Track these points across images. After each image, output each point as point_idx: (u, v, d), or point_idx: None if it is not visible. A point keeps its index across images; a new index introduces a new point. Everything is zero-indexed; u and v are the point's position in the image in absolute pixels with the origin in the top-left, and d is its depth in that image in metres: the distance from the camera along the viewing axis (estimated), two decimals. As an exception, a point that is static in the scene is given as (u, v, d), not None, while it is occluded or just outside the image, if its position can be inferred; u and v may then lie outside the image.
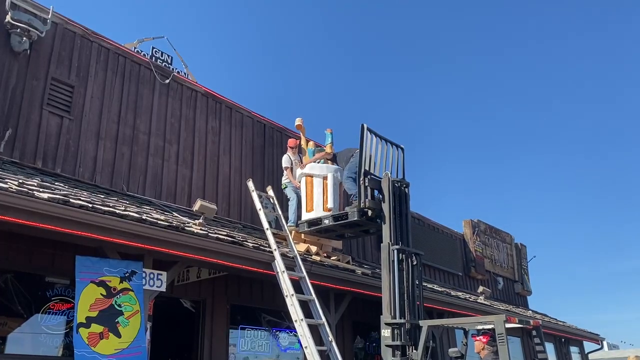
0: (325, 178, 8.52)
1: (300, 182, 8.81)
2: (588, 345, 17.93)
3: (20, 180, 5.18)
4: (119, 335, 5.33)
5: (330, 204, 8.36)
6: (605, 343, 21.30)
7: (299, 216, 8.79)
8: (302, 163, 9.15)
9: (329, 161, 8.89)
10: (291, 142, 9.44)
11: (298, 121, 9.77)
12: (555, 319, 16.46)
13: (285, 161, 9.28)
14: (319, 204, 8.41)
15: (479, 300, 11.95)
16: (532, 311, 16.95)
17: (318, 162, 8.83)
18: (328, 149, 9.20)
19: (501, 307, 12.88)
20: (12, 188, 4.67)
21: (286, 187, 9.14)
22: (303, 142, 9.60)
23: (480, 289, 12.98)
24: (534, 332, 6.59)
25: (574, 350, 17.15)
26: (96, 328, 5.20)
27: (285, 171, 9.23)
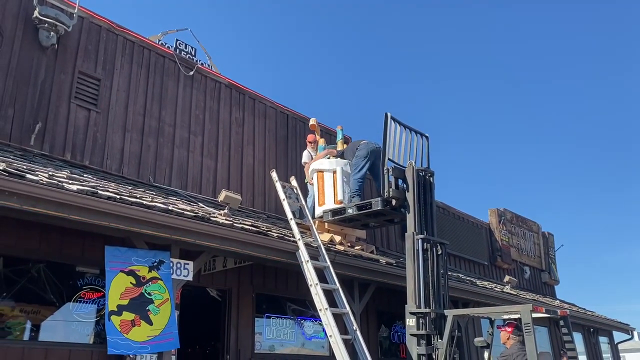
0: (334, 172, 8.71)
1: (312, 178, 8.95)
2: (618, 335, 17.62)
3: (50, 173, 5.30)
4: (150, 323, 5.45)
5: (340, 197, 8.50)
6: (635, 333, 20.89)
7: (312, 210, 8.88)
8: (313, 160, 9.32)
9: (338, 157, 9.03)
10: (310, 137, 9.65)
11: (312, 121, 10.03)
12: (584, 309, 16.21)
13: (305, 157, 9.50)
14: (329, 197, 8.59)
15: (505, 290, 11.83)
16: (560, 301, 16.72)
17: (328, 158, 8.94)
18: (339, 146, 9.52)
19: (528, 297, 12.73)
20: (42, 180, 4.78)
21: (308, 182, 9.29)
22: (318, 140, 9.81)
23: (507, 278, 12.84)
24: (561, 322, 6.51)
25: (603, 340, 16.87)
26: (128, 316, 5.32)
27: (304, 167, 9.37)
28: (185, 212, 5.85)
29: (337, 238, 8.47)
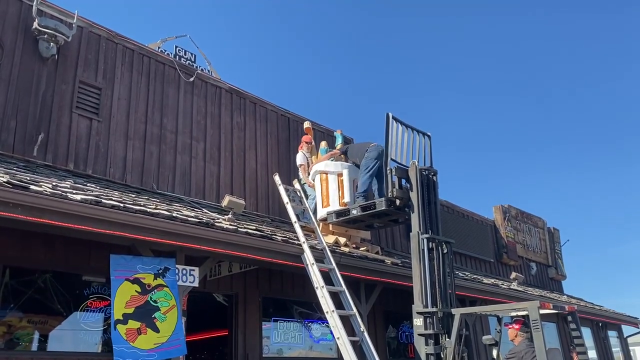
0: (340, 175, 8.70)
1: (314, 180, 8.90)
2: (627, 329, 17.56)
3: (54, 183, 5.32)
4: (157, 330, 5.44)
5: (346, 199, 8.50)
6: (644, 326, 20.74)
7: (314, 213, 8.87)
8: (312, 162, 9.30)
9: (341, 157, 9.01)
10: (307, 138, 9.56)
11: (307, 124, 10.04)
12: (592, 303, 16.16)
13: (299, 159, 9.36)
14: (334, 199, 8.58)
15: (512, 287, 11.80)
16: (568, 296, 16.66)
17: (332, 160, 8.93)
18: (339, 148, 9.47)
19: (535, 293, 12.70)
20: (46, 191, 4.80)
21: (305, 184, 9.20)
22: (321, 143, 9.79)
23: (513, 275, 12.82)
24: (569, 318, 6.49)
25: (612, 334, 16.80)
26: (133, 324, 5.32)
27: (300, 168, 9.30)
28: (190, 219, 5.86)
29: (342, 240, 8.47)
